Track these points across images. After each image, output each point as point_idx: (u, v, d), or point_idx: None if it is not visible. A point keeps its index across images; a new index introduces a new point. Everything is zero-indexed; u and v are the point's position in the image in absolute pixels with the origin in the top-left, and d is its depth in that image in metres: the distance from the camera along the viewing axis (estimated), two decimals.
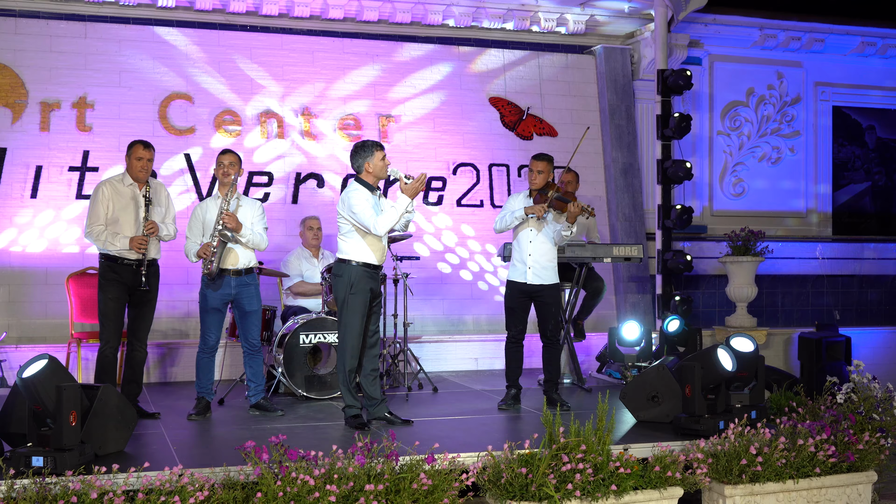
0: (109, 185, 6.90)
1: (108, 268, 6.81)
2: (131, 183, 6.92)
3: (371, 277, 6.53)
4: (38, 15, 9.42)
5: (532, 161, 7.40)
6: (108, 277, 6.79)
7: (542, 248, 7.33)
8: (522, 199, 7.46)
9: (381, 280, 6.74)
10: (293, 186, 9.96)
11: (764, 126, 11.95)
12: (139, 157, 6.90)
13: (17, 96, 9.25)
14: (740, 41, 11.66)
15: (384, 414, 6.64)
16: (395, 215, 6.37)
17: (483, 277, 10.42)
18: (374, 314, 6.65)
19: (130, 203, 6.87)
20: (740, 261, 10.18)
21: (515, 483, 5.06)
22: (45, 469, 4.86)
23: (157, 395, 7.88)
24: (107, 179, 7.00)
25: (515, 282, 7.40)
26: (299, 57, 10.16)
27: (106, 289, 6.80)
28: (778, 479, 5.55)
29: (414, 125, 10.43)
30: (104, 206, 6.80)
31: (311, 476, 4.68)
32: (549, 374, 7.50)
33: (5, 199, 9.07)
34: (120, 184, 6.92)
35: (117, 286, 6.79)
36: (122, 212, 6.82)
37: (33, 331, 8.97)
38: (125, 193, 6.89)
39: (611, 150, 10.94)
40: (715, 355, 6.32)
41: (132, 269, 6.81)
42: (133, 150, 6.95)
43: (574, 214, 7.12)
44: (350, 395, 6.54)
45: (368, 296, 6.52)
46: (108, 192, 6.86)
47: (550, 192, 7.26)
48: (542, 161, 7.35)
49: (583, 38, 11.13)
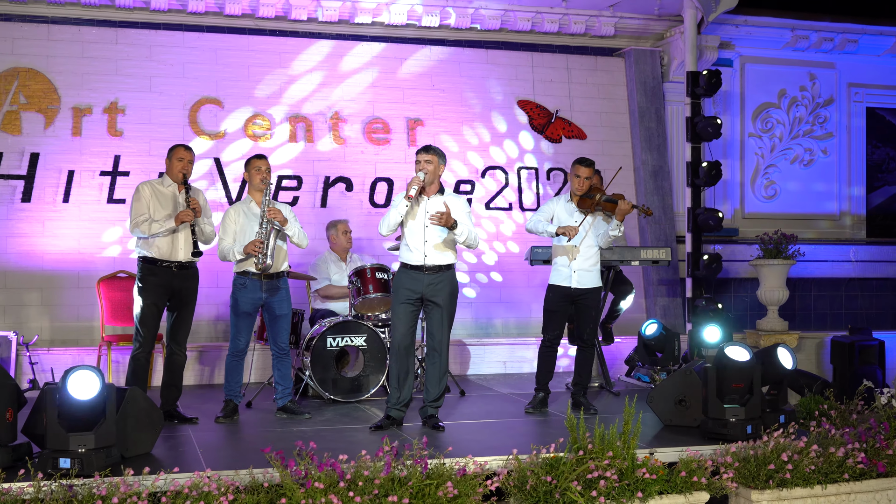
0: (150, 186, 6.99)
1: (148, 270, 6.85)
2: (171, 184, 7.00)
3: (409, 277, 6.58)
4: (70, 21, 9.52)
5: (576, 166, 7.35)
6: (148, 281, 6.84)
7: (587, 251, 7.31)
8: (563, 204, 7.42)
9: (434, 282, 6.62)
10: (322, 190, 10.00)
11: (796, 128, 11.84)
12: (181, 158, 6.99)
13: (50, 102, 9.36)
14: (772, 42, 11.56)
15: (425, 415, 6.68)
16: (389, 214, 6.52)
17: (512, 281, 10.40)
18: (431, 317, 6.67)
19: (171, 203, 6.94)
20: (771, 264, 10.09)
21: (540, 489, 5.05)
22: (73, 470, 4.90)
23: (187, 398, 7.91)
24: (146, 181, 7.09)
25: (559, 286, 7.36)
26: (327, 61, 10.20)
27: (145, 293, 6.85)
28: (806, 485, 5.50)
29: (442, 128, 10.43)
30: (146, 202, 6.86)
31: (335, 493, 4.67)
32: (579, 377, 7.48)
33: (38, 204, 9.17)
34: (160, 185, 7.00)
35: (156, 290, 6.84)
36: (159, 212, 6.88)
37: (65, 333, 9.06)
38: (166, 194, 6.96)
39: (640, 153, 10.89)
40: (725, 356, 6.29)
41: (171, 270, 6.87)
42: (175, 151, 7.04)
43: (624, 212, 7.09)
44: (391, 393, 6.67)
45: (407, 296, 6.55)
46: (149, 191, 6.94)
47: (598, 195, 7.24)
48: (587, 167, 7.32)
49: (612, 40, 11.09)
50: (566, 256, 7.31)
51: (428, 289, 6.54)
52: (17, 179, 9.15)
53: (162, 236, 6.82)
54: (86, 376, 5.18)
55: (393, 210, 6.50)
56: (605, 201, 7.26)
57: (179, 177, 6.98)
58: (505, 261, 10.43)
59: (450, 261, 6.63)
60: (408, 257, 6.61)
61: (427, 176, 6.49)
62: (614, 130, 11.02)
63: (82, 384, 5.16)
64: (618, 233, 7.20)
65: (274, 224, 6.93)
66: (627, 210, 7.09)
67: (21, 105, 9.27)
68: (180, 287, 6.92)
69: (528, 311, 10.22)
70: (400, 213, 6.48)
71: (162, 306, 6.94)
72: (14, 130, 9.22)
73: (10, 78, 9.27)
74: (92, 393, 5.14)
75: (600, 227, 7.31)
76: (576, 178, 7.33)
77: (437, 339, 6.63)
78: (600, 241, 7.31)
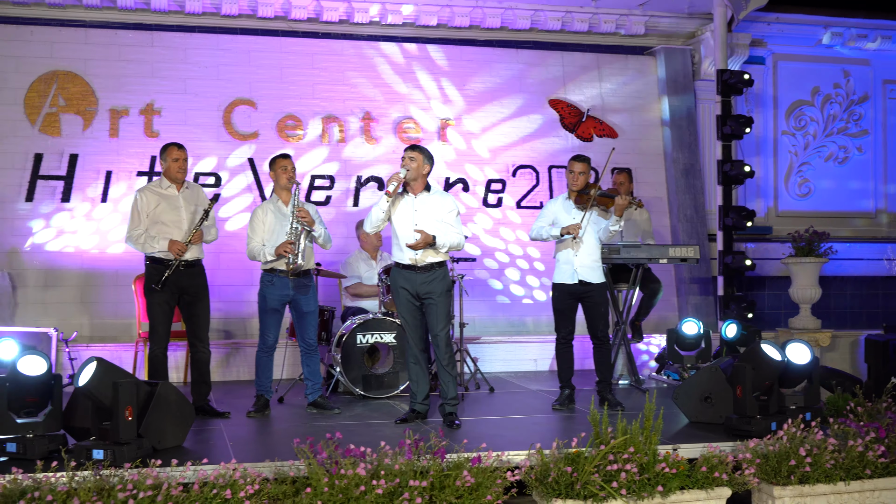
0: (147, 191, 7.08)
1: (155, 270, 6.97)
2: (169, 185, 7.10)
3: (403, 277, 6.69)
4: (107, 25, 9.74)
5: (571, 162, 7.41)
6: (155, 281, 6.96)
7: (587, 248, 7.34)
8: (561, 203, 7.48)
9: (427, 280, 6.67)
10: (354, 189, 10.12)
11: (830, 125, 11.78)
12: (175, 159, 7.08)
13: (88, 104, 9.56)
14: (805, 40, 11.52)
15: (444, 413, 6.75)
16: (372, 212, 6.65)
17: (543, 278, 10.45)
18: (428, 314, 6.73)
19: (172, 205, 7.04)
20: (803, 262, 10.05)
21: (561, 481, 5.11)
22: (105, 461, 5.04)
23: (219, 394, 8.06)
24: (144, 186, 7.21)
25: (562, 284, 7.41)
26: (359, 62, 10.32)
27: (153, 293, 6.98)
28: (828, 481, 5.50)
29: (473, 128, 10.52)
30: (144, 211, 6.98)
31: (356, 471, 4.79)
32: (601, 374, 7.51)
33: (77, 203, 9.38)
34: (158, 188, 7.10)
35: (163, 289, 6.95)
36: (164, 214, 7.00)
37: (103, 330, 9.26)
38: (165, 196, 7.06)
39: (672, 151, 10.90)
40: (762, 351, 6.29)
41: (178, 269, 6.96)
42: (168, 152, 7.12)
43: (622, 207, 7.14)
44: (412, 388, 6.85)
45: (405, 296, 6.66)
46: (146, 197, 7.03)
47: (592, 190, 7.28)
48: (581, 162, 7.36)
49: (643, 38, 11.12)
50: (569, 252, 7.35)
51: (422, 287, 6.62)
52: (57, 180, 9.37)
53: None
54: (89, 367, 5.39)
55: (375, 207, 6.59)
56: (601, 196, 7.30)
57: (178, 177, 7.08)
58: (534, 258, 10.48)
59: (441, 258, 6.69)
60: (399, 256, 6.69)
61: (410, 173, 6.54)
62: (645, 129, 11.04)
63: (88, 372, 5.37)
64: (618, 227, 7.23)
65: (303, 225, 7.04)
66: (624, 204, 7.13)
67: (60, 107, 9.49)
68: (188, 285, 7.03)
69: None
70: (382, 209, 6.56)
71: (173, 304, 7.05)
72: (54, 132, 9.44)
73: (49, 81, 9.49)
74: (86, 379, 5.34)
75: (600, 223, 7.34)
76: (570, 174, 7.37)
77: (437, 335, 6.69)
78: (601, 236, 7.35)
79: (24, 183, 9.30)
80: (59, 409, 5.59)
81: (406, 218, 6.62)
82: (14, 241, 9.20)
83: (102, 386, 5.33)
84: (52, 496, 4.51)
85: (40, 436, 5.40)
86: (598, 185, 7.37)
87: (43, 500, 4.50)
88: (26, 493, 4.55)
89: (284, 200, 7.22)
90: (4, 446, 5.35)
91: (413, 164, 6.56)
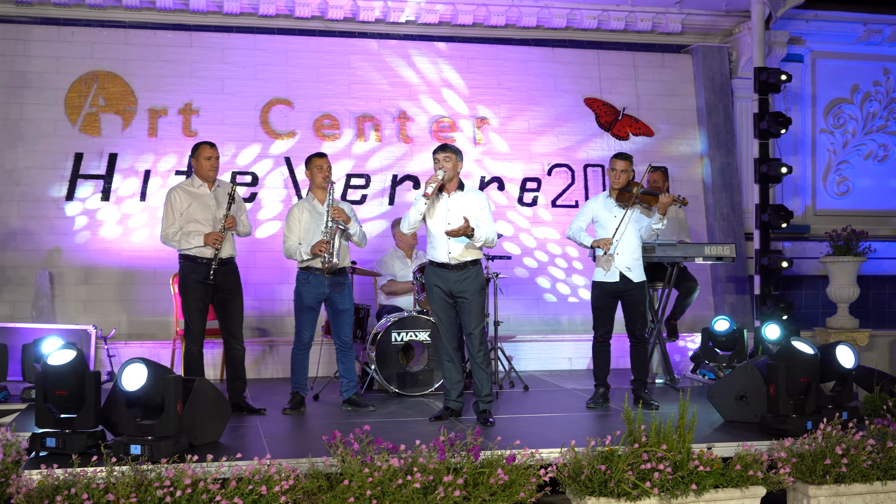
0: (180, 190, 7.16)
1: (189, 268, 7.05)
2: (201, 184, 7.17)
3: (437, 275, 6.71)
4: (145, 26, 9.85)
5: (613, 160, 7.41)
6: (189, 279, 7.04)
7: (628, 247, 7.32)
8: (602, 201, 7.47)
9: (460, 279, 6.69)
10: (390, 188, 10.16)
11: (870, 123, 11.67)
12: (208, 157, 7.15)
13: (127, 104, 9.68)
14: (843, 37, 11.41)
15: (478, 411, 6.76)
16: (409, 213, 6.68)
17: (578, 276, 10.44)
18: (462, 312, 6.75)
19: (204, 203, 7.11)
20: (841, 261, 9.98)
21: (594, 479, 5.11)
22: (143, 457, 5.12)
23: (256, 391, 8.13)
24: (176, 185, 7.27)
25: (602, 282, 7.41)
26: (395, 61, 10.37)
27: (188, 291, 7.06)
28: (864, 481, 5.46)
29: (509, 126, 10.53)
30: (178, 210, 7.06)
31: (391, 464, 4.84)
32: (637, 373, 7.50)
33: (117, 202, 9.50)
34: (190, 186, 7.17)
35: (198, 287, 7.03)
36: (197, 212, 7.07)
37: (141, 328, 9.37)
38: (198, 195, 7.13)
39: (708, 150, 10.84)
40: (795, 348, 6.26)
41: (211, 267, 7.04)
42: (200, 150, 7.19)
43: (665, 205, 7.12)
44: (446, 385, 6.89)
45: (439, 294, 6.69)
46: (180, 196, 7.10)
47: (635, 188, 7.26)
48: (624, 160, 7.35)
49: (679, 37, 11.07)
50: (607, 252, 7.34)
51: (455, 285, 6.64)
52: (97, 179, 9.49)
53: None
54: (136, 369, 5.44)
55: (413, 209, 6.61)
56: (644, 194, 7.29)
57: (210, 175, 7.15)
58: (571, 258, 10.47)
59: (475, 256, 6.71)
60: (434, 255, 6.72)
61: (446, 174, 6.59)
62: (682, 127, 11.00)
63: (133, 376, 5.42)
64: (661, 226, 7.21)
65: (339, 223, 7.09)
66: (669, 202, 7.11)
67: (100, 107, 9.62)
68: (222, 282, 7.09)
69: None
70: (420, 210, 6.58)
71: (207, 301, 7.12)
72: (94, 132, 9.57)
73: (89, 81, 9.62)
74: (140, 383, 5.39)
75: (641, 221, 7.33)
76: (612, 172, 7.37)
77: (471, 333, 6.71)
78: (643, 235, 7.33)
79: (64, 182, 9.43)
80: (97, 405, 5.65)
81: (440, 217, 6.66)
82: (54, 240, 9.34)
83: (155, 386, 5.40)
84: (88, 493, 4.57)
85: (79, 431, 5.48)
86: (640, 183, 7.37)
87: (79, 496, 4.56)
88: (61, 488, 4.62)
89: (320, 199, 7.27)
90: (44, 441, 5.44)
91: (449, 165, 6.60)
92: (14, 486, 4.78)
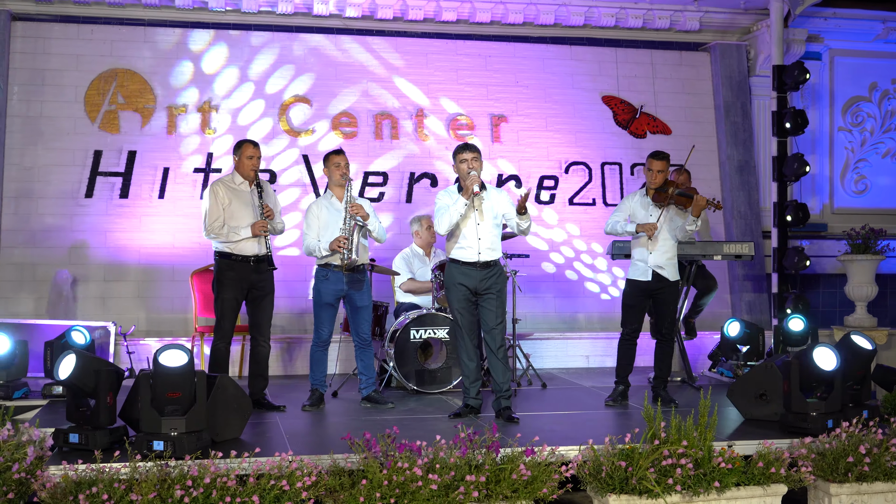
0: (223, 185, 7.20)
1: (226, 265, 7.09)
2: (242, 181, 7.21)
3: (462, 273, 6.72)
4: (164, 24, 9.89)
5: (649, 160, 7.40)
6: (225, 276, 7.08)
7: (663, 246, 7.35)
8: (639, 200, 7.48)
9: (487, 276, 6.74)
10: (407, 186, 10.17)
11: (888, 121, 11.62)
12: (250, 156, 7.17)
13: (146, 101, 9.72)
14: (862, 35, 11.36)
15: (498, 408, 6.77)
16: (449, 214, 6.61)
17: (595, 275, 10.45)
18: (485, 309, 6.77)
19: (245, 200, 7.15)
20: (859, 259, 9.95)
21: (615, 476, 5.11)
22: (166, 452, 5.14)
23: (275, 388, 8.16)
24: (218, 180, 7.30)
25: (637, 280, 7.42)
26: (413, 59, 10.38)
27: (222, 288, 7.09)
28: (886, 479, 5.45)
29: (526, 125, 10.53)
30: (220, 203, 7.09)
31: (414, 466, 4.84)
32: (660, 370, 7.51)
33: (135, 199, 9.55)
34: (231, 183, 7.21)
35: (233, 285, 7.07)
36: (238, 209, 7.11)
37: (160, 324, 9.41)
38: (237, 192, 7.17)
39: (726, 148, 10.82)
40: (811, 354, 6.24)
41: (249, 265, 7.09)
42: (243, 149, 7.21)
43: (700, 207, 7.13)
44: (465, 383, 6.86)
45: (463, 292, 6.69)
46: (223, 190, 7.15)
47: (671, 189, 7.27)
48: (661, 160, 7.35)
49: (697, 34, 11.05)
50: (644, 250, 7.35)
51: (482, 283, 6.67)
52: (116, 176, 9.54)
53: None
54: (175, 353, 5.45)
55: (452, 210, 6.58)
56: (679, 195, 7.29)
57: (251, 174, 7.18)
58: (588, 256, 10.46)
59: (499, 255, 6.80)
60: (461, 254, 6.72)
61: (478, 172, 6.64)
62: (699, 125, 10.97)
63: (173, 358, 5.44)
64: (695, 227, 7.24)
65: (357, 220, 7.11)
66: (703, 205, 7.12)
67: (119, 105, 9.66)
68: (257, 280, 7.14)
69: (611, 306, 10.25)
70: (460, 212, 6.59)
71: (241, 299, 7.16)
72: (113, 129, 9.61)
73: (109, 79, 9.66)
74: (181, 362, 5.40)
75: (676, 221, 7.34)
76: (649, 172, 7.37)
77: (493, 329, 6.73)
78: (678, 235, 7.34)
79: (83, 179, 9.48)
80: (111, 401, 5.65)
81: (470, 216, 6.69)
82: (74, 237, 9.40)
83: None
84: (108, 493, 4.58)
85: (100, 427, 5.49)
86: (676, 183, 7.37)
87: (100, 494, 4.58)
88: (84, 485, 4.64)
89: (338, 196, 7.29)
90: (68, 437, 5.47)
91: (478, 164, 6.66)
92: (38, 482, 4.81)
